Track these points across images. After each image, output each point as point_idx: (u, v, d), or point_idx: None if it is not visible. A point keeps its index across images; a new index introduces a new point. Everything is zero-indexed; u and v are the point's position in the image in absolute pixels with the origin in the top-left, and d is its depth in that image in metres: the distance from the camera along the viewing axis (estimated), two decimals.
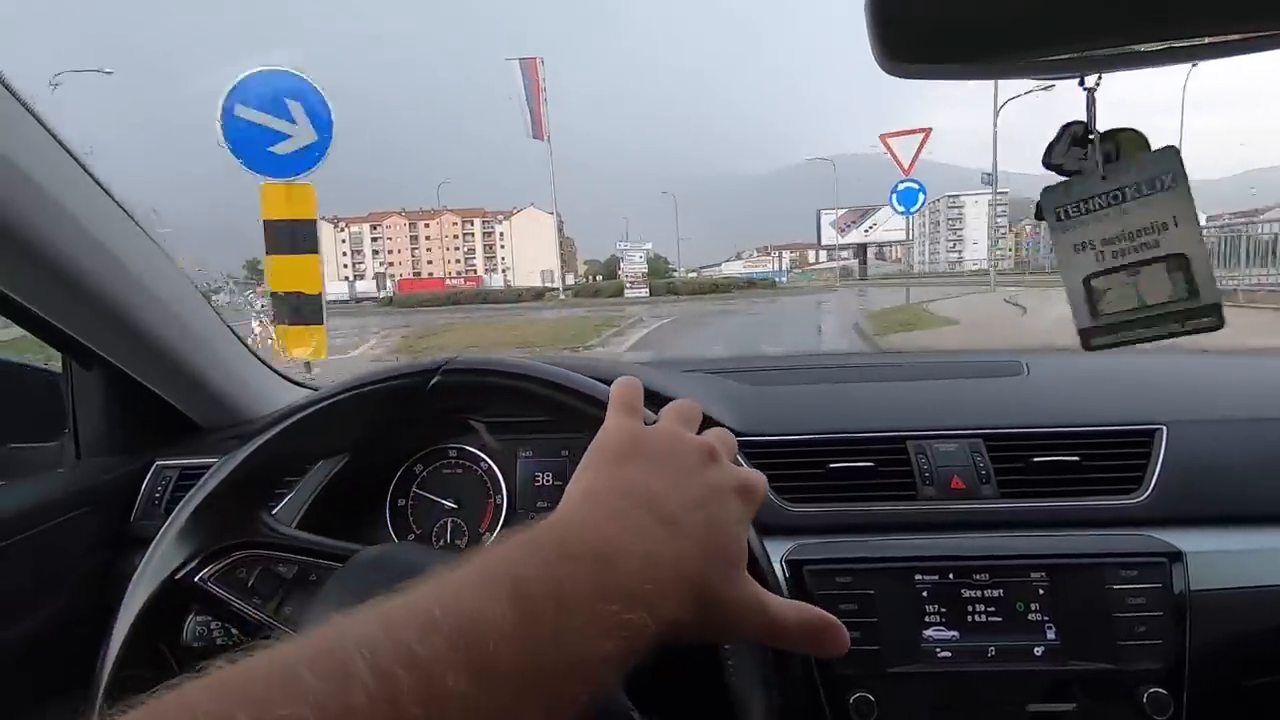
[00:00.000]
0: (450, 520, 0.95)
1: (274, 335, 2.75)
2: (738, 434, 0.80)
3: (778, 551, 0.74)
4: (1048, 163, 0.49)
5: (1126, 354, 0.99)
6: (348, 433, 0.67)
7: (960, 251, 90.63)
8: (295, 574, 0.61)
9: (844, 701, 0.69)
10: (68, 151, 0.70)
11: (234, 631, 0.71)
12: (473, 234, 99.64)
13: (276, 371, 1.13)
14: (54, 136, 0.68)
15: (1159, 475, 0.78)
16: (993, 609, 0.72)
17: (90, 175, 0.73)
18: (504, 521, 0.94)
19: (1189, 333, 0.49)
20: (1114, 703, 0.68)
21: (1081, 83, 0.47)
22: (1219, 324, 0.49)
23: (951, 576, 0.73)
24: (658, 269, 54.00)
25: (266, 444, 0.59)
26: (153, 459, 0.96)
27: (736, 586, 0.38)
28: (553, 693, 0.27)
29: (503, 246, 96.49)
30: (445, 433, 0.97)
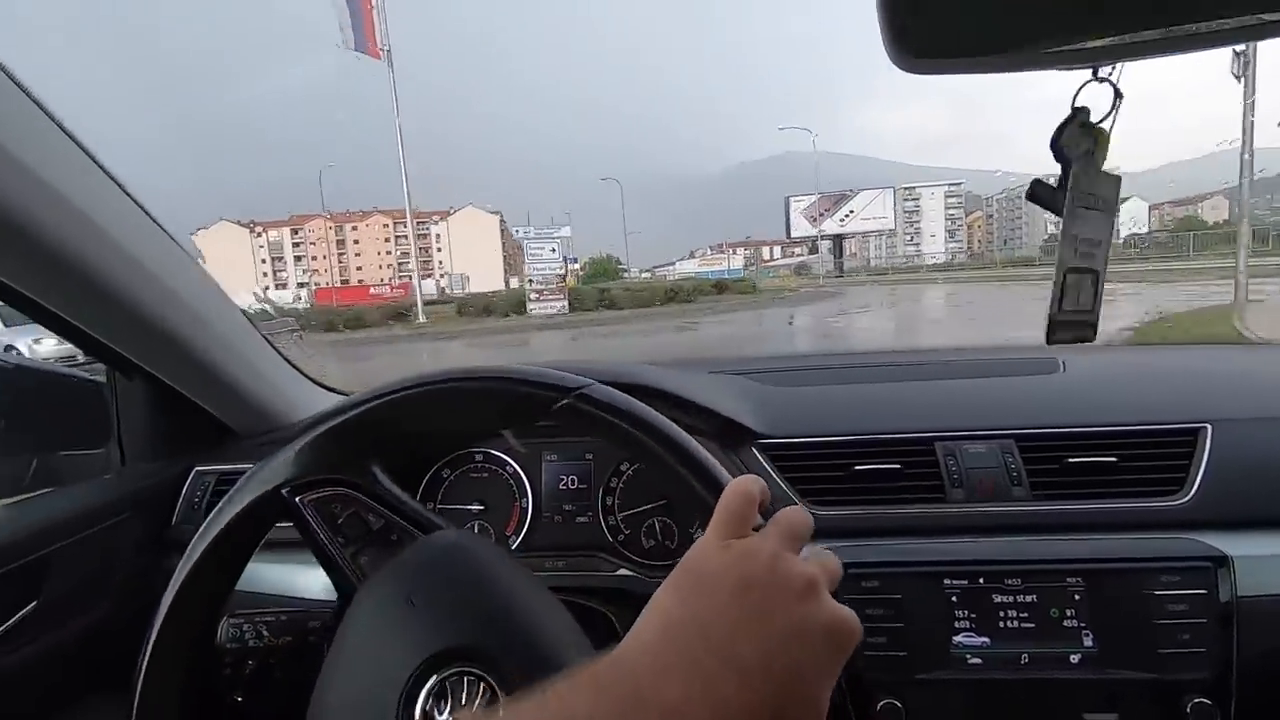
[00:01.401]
0: (476, 523, 0.94)
1: None
2: (760, 436, 0.84)
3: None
4: (1055, 144, 0.50)
5: (1167, 349, 1.11)
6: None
7: (918, 244, 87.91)
8: (380, 527, 0.61)
9: (871, 708, 0.68)
10: (105, 171, 0.74)
11: (265, 634, 0.76)
12: (405, 236, 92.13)
13: (309, 377, 1.15)
14: (93, 158, 0.72)
15: (1203, 476, 0.75)
16: (1025, 615, 0.70)
17: (128, 194, 0.77)
18: (529, 525, 0.92)
19: (1076, 341, 0.54)
20: (1156, 713, 0.66)
21: (1095, 73, 0.47)
22: (1092, 336, 0.55)
23: (982, 581, 0.71)
24: (606, 269, 47.65)
25: (402, 399, 0.59)
26: (192, 465, 0.99)
27: None
28: None
29: (439, 249, 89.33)
30: (472, 436, 0.96)
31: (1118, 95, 0.48)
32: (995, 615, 0.70)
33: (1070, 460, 0.77)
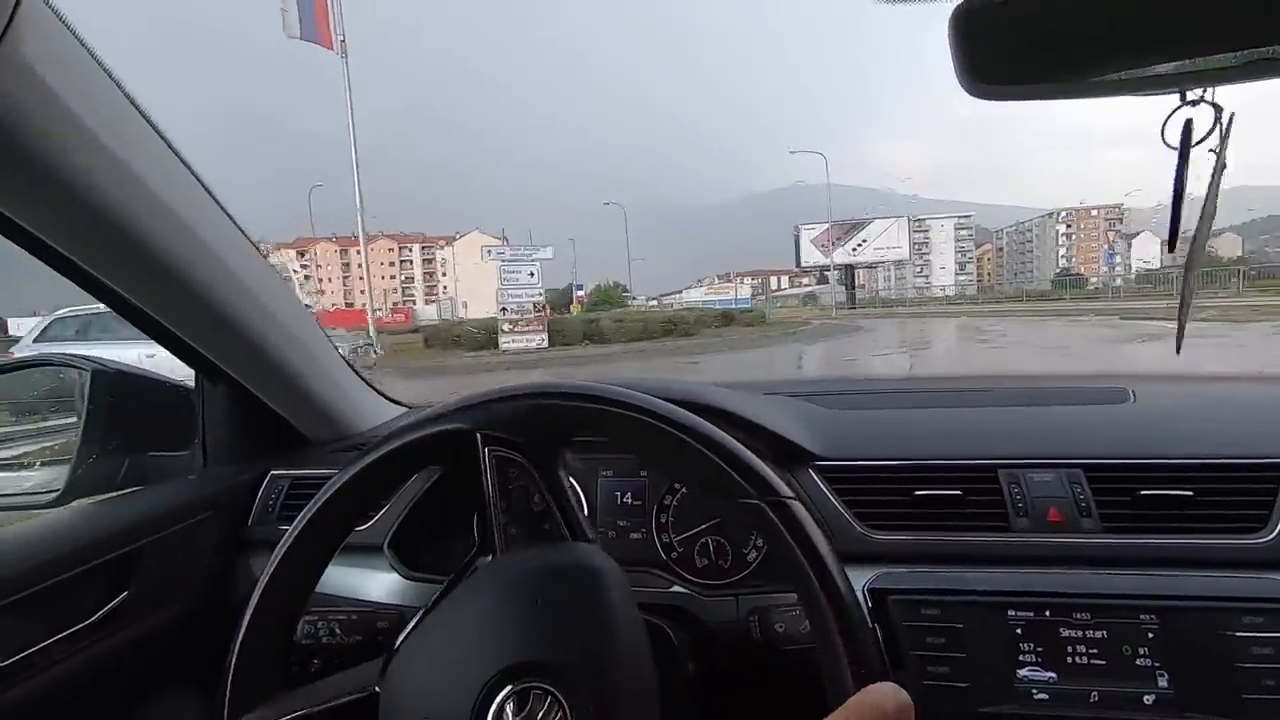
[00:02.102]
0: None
1: None
2: (818, 458, 0.85)
3: (860, 580, 0.72)
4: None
5: (1242, 381, 1.02)
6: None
7: (928, 276, 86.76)
8: (540, 510, 0.61)
9: None
10: (206, 189, 0.78)
11: (337, 631, 0.80)
12: (411, 261, 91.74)
13: (375, 389, 1.20)
14: (196, 177, 0.77)
15: None
16: (1095, 651, 0.67)
17: (224, 211, 0.81)
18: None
19: None
20: None
21: (1183, 97, 0.45)
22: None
23: (1048, 614, 0.69)
24: (610, 296, 46.53)
25: (622, 416, 0.59)
26: (267, 469, 1.04)
27: None
28: None
29: (444, 274, 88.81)
30: None
31: (1218, 113, 0.46)
32: (1063, 650, 0.68)
33: (1143, 493, 0.75)
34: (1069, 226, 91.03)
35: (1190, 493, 0.73)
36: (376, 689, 0.54)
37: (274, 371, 0.96)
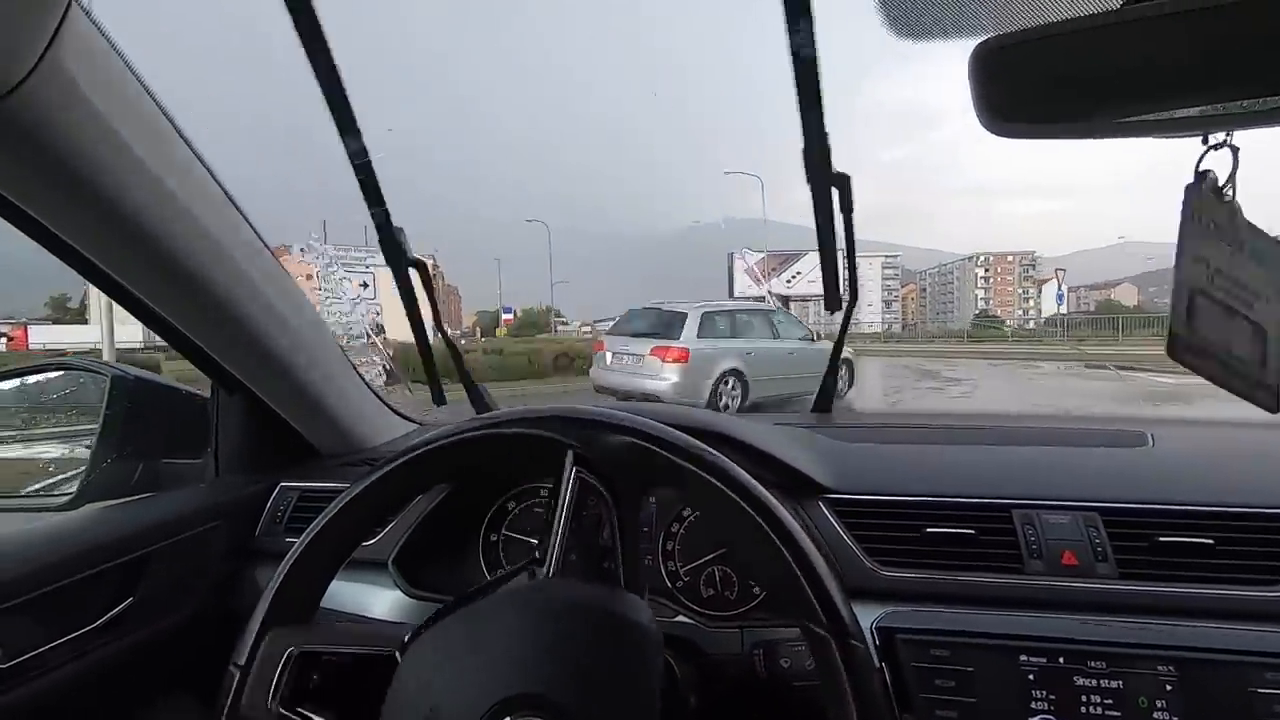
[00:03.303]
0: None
1: None
2: (827, 490, 0.83)
3: (868, 618, 0.71)
4: (1186, 211, 0.49)
5: (1269, 428, 0.97)
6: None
7: (857, 312, 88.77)
8: (604, 546, 0.61)
9: None
10: (231, 201, 0.79)
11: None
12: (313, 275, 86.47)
13: (389, 405, 1.19)
14: (222, 188, 0.78)
15: None
16: (1110, 702, 0.65)
17: (249, 223, 0.82)
18: None
19: (1247, 400, 0.49)
20: None
21: (1205, 140, 0.46)
22: (1272, 408, 0.50)
23: (1062, 661, 0.67)
24: (537, 321, 44.27)
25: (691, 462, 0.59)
26: (277, 480, 1.04)
27: None
28: None
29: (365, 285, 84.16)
30: (537, 471, 0.97)
31: (1236, 156, 0.47)
32: (1076, 699, 0.66)
33: (1162, 539, 0.73)
34: (986, 270, 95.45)
35: (1211, 541, 0.71)
36: (399, 655, 0.54)
37: (289, 384, 0.96)
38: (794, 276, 36.30)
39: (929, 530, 0.77)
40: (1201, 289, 0.49)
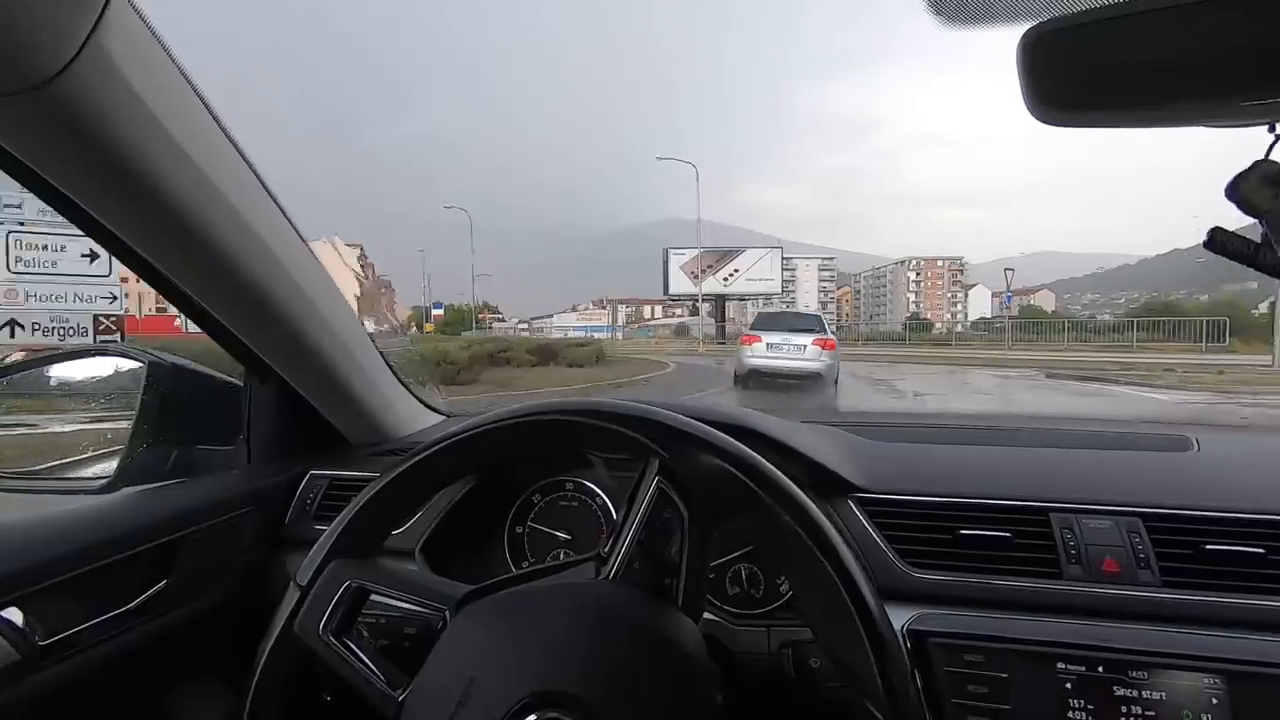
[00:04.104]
0: (563, 551, 0.95)
1: None
2: (857, 489, 0.82)
3: (899, 619, 0.70)
4: (1233, 195, 0.46)
5: None
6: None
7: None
8: (654, 558, 0.59)
9: None
10: (269, 193, 0.79)
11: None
12: None
13: (417, 397, 1.20)
14: (261, 181, 0.78)
15: None
16: (1152, 714, 0.63)
17: (285, 215, 0.83)
18: None
19: None
20: None
21: (1273, 128, 0.44)
22: None
23: (1101, 670, 0.65)
24: (464, 318, 42.30)
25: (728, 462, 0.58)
26: (307, 468, 1.05)
27: None
28: None
29: None
30: (564, 465, 0.98)
31: None
32: (1116, 709, 0.64)
33: (1208, 547, 0.70)
34: (918, 274, 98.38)
35: (1261, 550, 0.69)
36: (448, 615, 0.56)
37: (321, 374, 0.97)
38: (731, 274, 35.33)
39: (963, 532, 0.76)
40: None
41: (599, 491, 0.95)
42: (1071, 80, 0.42)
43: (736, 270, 35.17)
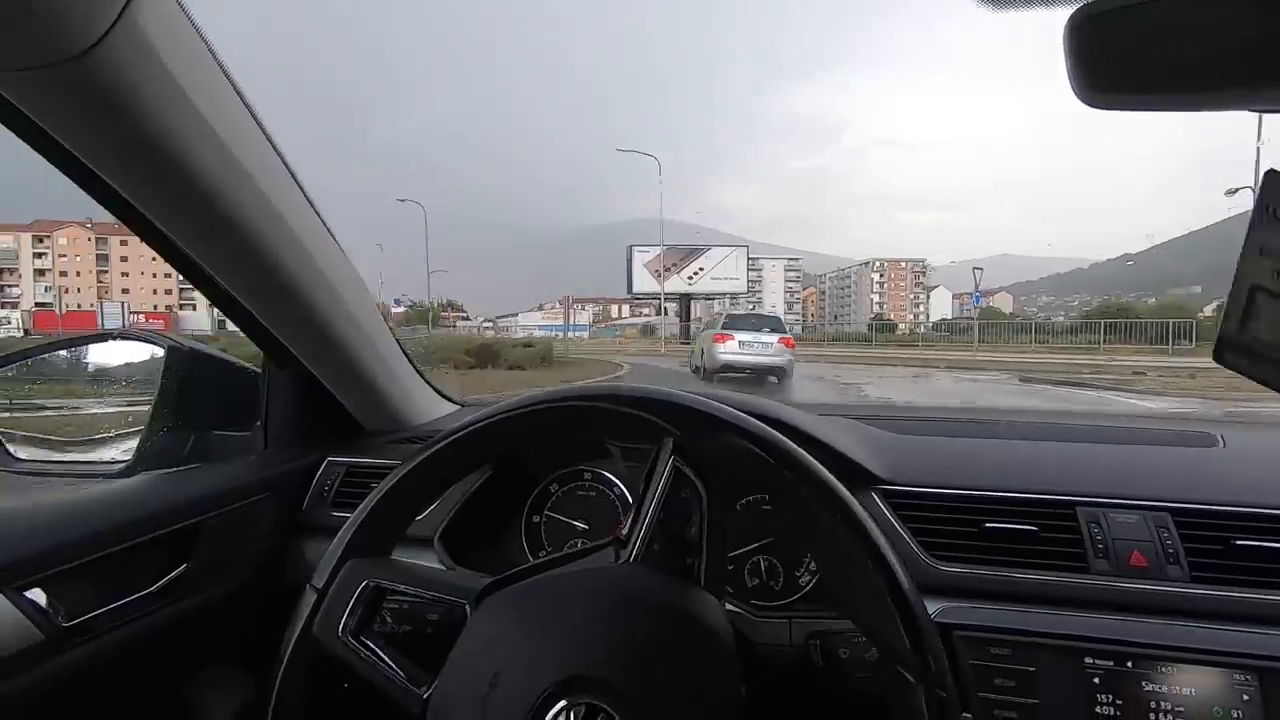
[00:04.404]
0: (580, 541, 0.95)
1: None
2: (881, 480, 0.81)
3: None
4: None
5: None
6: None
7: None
8: (677, 540, 0.60)
9: None
10: (296, 180, 0.79)
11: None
12: None
13: (433, 386, 1.20)
14: (290, 170, 0.77)
15: None
16: (1182, 710, 0.63)
17: (310, 202, 0.82)
18: None
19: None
20: None
21: None
22: None
23: (1130, 665, 0.65)
24: (425, 316, 41.09)
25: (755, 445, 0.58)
26: (324, 455, 1.04)
27: None
28: None
29: None
30: (581, 454, 0.97)
31: None
32: (1145, 705, 0.63)
33: (1238, 543, 0.70)
34: (881, 275, 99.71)
35: None
36: (469, 608, 0.56)
37: (340, 361, 0.96)
38: (696, 273, 34.85)
39: (988, 525, 0.76)
40: (1263, 286, 0.45)
41: (616, 481, 0.95)
42: (1119, 62, 0.41)
43: (701, 269, 34.75)
